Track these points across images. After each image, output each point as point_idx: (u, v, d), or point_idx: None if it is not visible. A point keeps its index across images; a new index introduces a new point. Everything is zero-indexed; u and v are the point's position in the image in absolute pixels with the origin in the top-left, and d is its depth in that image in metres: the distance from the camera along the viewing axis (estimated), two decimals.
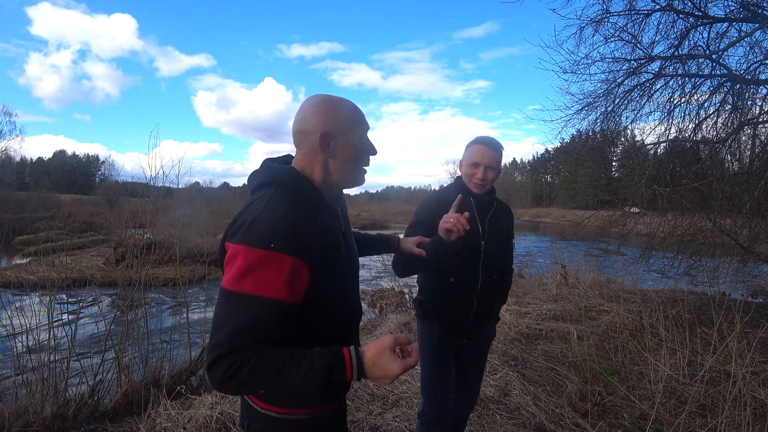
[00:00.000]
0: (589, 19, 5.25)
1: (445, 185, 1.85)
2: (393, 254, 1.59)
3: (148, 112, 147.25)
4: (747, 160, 5.79)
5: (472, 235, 1.60)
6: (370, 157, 1.08)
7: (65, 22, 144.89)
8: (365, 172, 1.08)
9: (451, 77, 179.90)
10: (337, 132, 0.98)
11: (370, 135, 1.09)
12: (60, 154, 68.67)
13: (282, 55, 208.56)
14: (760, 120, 5.39)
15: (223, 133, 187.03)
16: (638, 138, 6.93)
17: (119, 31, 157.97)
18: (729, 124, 5.57)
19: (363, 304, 1.55)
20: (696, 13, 5.18)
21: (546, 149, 66.43)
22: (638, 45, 5.30)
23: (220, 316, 0.83)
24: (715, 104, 5.75)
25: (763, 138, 5.66)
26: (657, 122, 6.22)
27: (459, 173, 1.80)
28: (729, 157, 5.90)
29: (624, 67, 5.43)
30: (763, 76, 5.36)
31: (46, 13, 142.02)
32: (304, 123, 0.99)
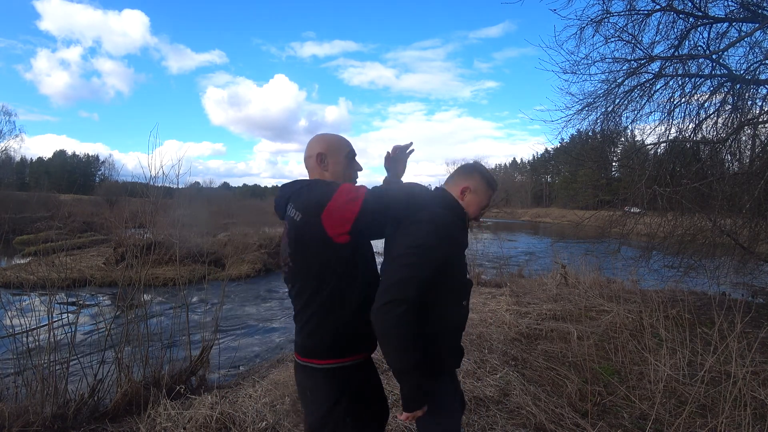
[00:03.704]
0: (589, 19, 5.27)
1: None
2: None
3: (156, 111, 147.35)
4: (747, 160, 5.79)
5: None
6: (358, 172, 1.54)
7: (75, 16, 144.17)
8: (355, 180, 1.53)
9: (465, 76, 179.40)
10: (329, 153, 1.46)
11: (376, 135, 1.47)
12: (60, 154, 68.72)
13: (294, 54, 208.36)
14: (760, 120, 5.39)
15: (231, 131, 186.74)
16: (638, 138, 6.94)
17: (131, 27, 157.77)
18: (729, 124, 5.58)
19: None
20: (696, 13, 5.18)
21: (546, 149, 66.52)
22: (638, 45, 5.31)
23: None
24: (715, 104, 5.77)
25: (763, 138, 5.67)
26: (657, 122, 6.24)
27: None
28: (729, 157, 5.90)
29: (624, 68, 5.44)
30: (763, 76, 5.37)
31: (55, 7, 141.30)
32: (306, 151, 1.49)
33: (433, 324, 1.39)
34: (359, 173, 1.55)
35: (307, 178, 1.51)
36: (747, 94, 5.52)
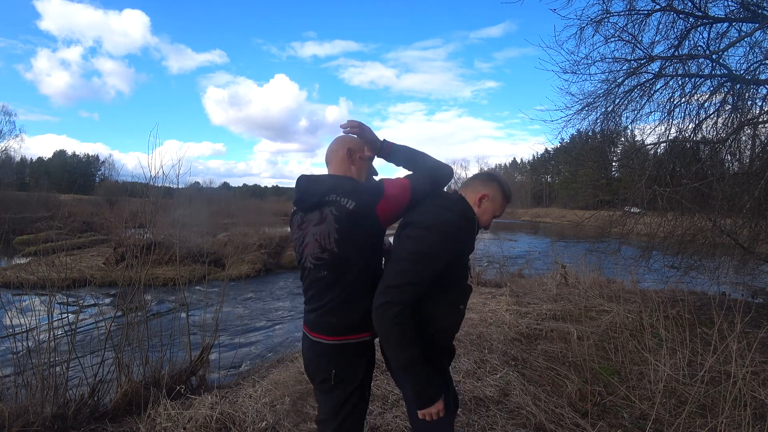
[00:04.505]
0: (589, 19, 5.26)
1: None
2: None
3: (156, 111, 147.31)
4: (747, 160, 5.79)
5: None
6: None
7: (75, 16, 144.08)
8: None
9: (465, 76, 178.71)
10: (356, 150, 1.55)
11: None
12: (60, 154, 68.68)
13: (295, 53, 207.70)
14: (760, 120, 5.38)
15: (231, 131, 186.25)
16: (638, 138, 6.94)
17: (132, 27, 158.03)
18: (729, 124, 5.58)
19: None
20: (696, 13, 5.18)
21: (546, 149, 66.51)
22: (638, 45, 5.30)
23: None
24: (715, 104, 5.76)
25: (763, 138, 5.67)
26: (657, 122, 6.24)
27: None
28: (729, 157, 5.90)
29: (624, 68, 5.44)
30: (763, 76, 5.36)
31: (55, 7, 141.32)
32: (333, 146, 1.58)
33: (429, 326, 1.41)
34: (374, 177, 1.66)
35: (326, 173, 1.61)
36: (747, 94, 5.52)
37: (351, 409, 1.47)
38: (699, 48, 5.38)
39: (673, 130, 5.96)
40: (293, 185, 1.57)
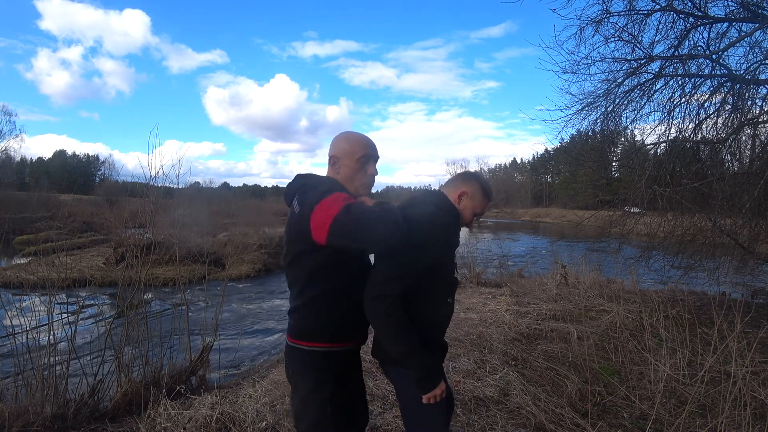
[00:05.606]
0: (589, 19, 5.25)
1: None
2: None
3: (156, 111, 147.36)
4: (747, 160, 5.79)
5: None
6: (373, 175, 1.56)
7: (76, 16, 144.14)
8: (367, 184, 1.55)
9: (466, 76, 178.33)
10: (341, 156, 1.52)
11: (377, 135, 1.54)
12: (60, 154, 68.68)
13: (296, 53, 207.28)
14: (760, 120, 5.38)
15: (232, 131, 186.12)
16: (638, 138, 6.94)
17: (132, 27, 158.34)
18: (729, 124, 5.57)
19: None
20: (696, 13, 5.18)
21: (546, 149, 66.51)
22: (638, 45, 5.30)
23: None
24: (715, 104, 5.76)
25: (763, 138, 5.67)
26: (657, 122, 6.24)
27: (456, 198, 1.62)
28: (729, 157, 5.90)
29: (624, 67, 5.44)
30: (763, 76, 5.36)
31: (56, 7, 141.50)
32: (329, 149, 1.57)
33: (419, 319, 1.44)
34: (376, 177, 1.59)
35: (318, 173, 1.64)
36: (747, 94, 5.51)
37: (314, 422, 1.41)
38: (699, 48, 5.38)
39: (673, 130, 5.97)
40: None
